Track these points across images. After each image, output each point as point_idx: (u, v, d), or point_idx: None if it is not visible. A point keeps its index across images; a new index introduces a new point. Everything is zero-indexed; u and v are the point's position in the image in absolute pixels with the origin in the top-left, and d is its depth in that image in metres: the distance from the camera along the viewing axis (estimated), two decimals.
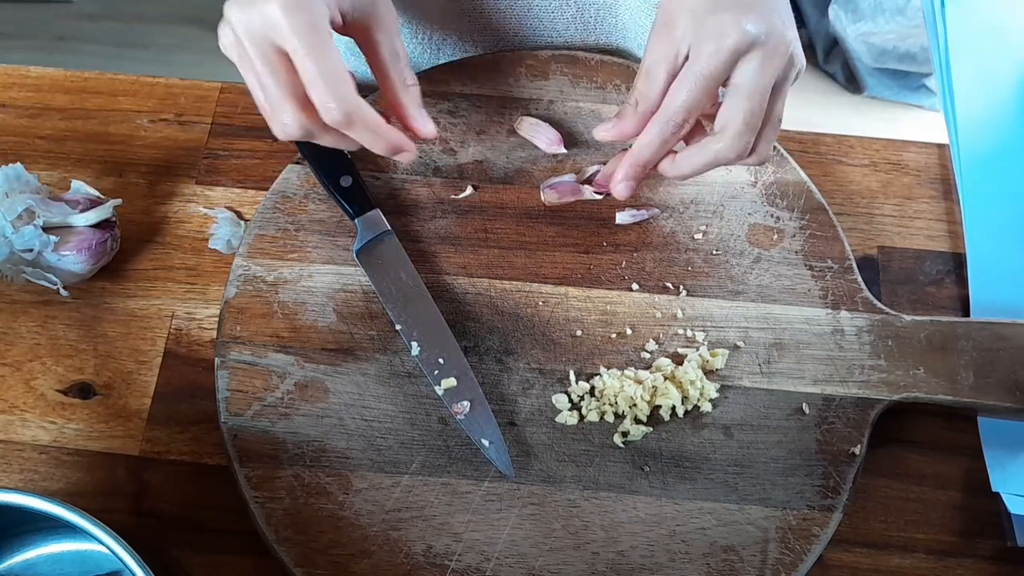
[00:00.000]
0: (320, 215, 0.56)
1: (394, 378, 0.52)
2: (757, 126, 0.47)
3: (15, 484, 0.51)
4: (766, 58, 0.45)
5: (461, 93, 0.61)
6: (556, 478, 0.50)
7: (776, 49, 0.45)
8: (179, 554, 0.49)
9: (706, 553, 0.48)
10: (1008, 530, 0.51)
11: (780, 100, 0.48)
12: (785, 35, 0.46)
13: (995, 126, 0.64)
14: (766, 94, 0.46)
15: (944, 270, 0.59)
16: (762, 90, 0.46)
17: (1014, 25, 0.69)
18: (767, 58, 0.45)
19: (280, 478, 0.49)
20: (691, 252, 0.56)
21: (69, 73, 0.64)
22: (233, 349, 0.52)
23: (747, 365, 0.53)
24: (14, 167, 0.54)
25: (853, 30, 1.65)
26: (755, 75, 0.45)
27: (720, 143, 0.47)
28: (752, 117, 0.46)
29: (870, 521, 0.51)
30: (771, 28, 0.45)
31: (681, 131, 0.47)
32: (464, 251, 0.56)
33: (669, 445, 0.51)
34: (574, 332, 0.54)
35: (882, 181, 0.62)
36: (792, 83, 0.48)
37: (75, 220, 0.53)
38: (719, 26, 0.45)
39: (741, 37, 0.45)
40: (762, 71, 0.45)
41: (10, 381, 0.53)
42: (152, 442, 0.52)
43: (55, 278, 0.53)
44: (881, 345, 0.53)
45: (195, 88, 0.63)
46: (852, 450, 0.50)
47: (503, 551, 0.48)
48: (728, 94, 0.46)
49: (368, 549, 0.47)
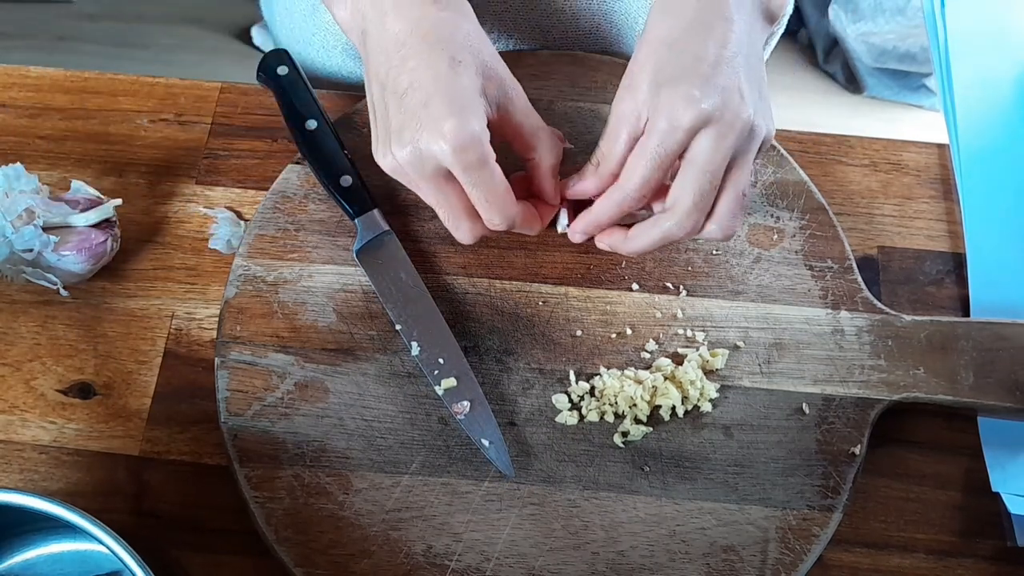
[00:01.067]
0: (320, 215, 0.56)
1: (394, 378, 0.52)
2: (707, 204, 0.47)
3: (15, 484, 0.51)
4: (720, 135, 0.45)
5: None
6: (556, 478, 0.50)
7: (732, 125, 0.45)
8: (179, 554, 0.49)
9: (706, 553, 0.48)
10: (1008, 530, 0.51)
11: (740, 171, 0.47)
12: (741, 110, 0.45)
13: (995, 126, 0.64)
14: (718, 171, 0.46)
15: (944, 270, 0.59)
16: (714, 168, 0.46)
17: (1014, 25, 0.69)
18: (721, 135, 0.45)
19: (280, 478, 0.49)
20: (691, 252, 0.56)
21: (69, 73, 0.64)
22: (233, 349, 0.52)
23: (747, 365, 0.53)
24: (14, 167, 0.54)
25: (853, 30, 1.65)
26: (708, 152, 0.45)
27: (669, 221, 0.47)
28: (701, 196, 0.46)
29: (870, 521, 0.51)
30: (726, 103, 0.45)
31: (638, 204, 0.48)
32: (464, 251, 0.56)
33: (669, 445, 0.51)
34: (574, 332, 0.54)
35: (882, 181, 0.62)
36: (759, 153, 0.48)
37: (75, 220, 0.53)
38: (673, 102, 0.45)
39: (695, 115, 0.44)
40: (715, 148, 0.45)
41: (10, 381, 0.53)
42: (152, 442, 0.52)
43: (55, 278, 0.53)
44: (881, 345, 0.53)
45: (195, 88, 0.63)
46: (852, 450, 0.50)
47: (503, 551, 0.48)
48: (681, 169, 0.46)
49: (368, 549, 0.47)
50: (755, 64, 0.48)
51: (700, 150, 0.45)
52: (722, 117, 0.45)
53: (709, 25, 0.46)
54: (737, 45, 0.46)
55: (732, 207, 0.48)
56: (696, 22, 0.46)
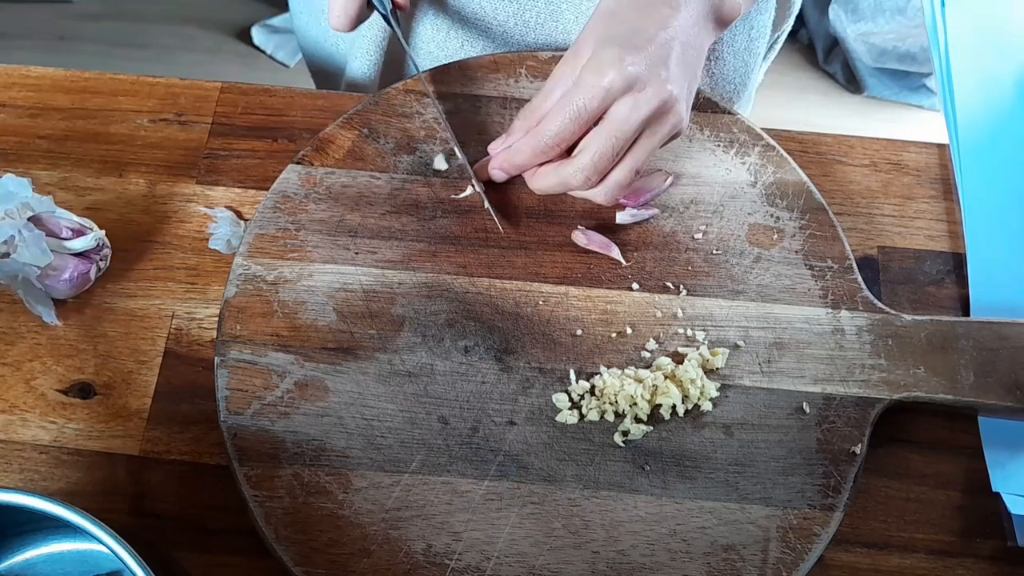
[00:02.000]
0: (320, 215, 0.56)
1: (394, 377, 0.52)
2: (605, 166, 0.49)
3: (15, 484, 0.51)
4: (636, 104, 0.47)
5: (461, 93, 0.61)
6: (556, 477, 0.50)
7: (649, 98, 0.47)
8: (179, 554, 0.49)
9: (707, 552, 0.48)
10: (1008, 530, 0.51)
11: (643, 147, 0.49)
12: (664, 87, 0.47)
13: (995, 126, 0.64)
14: (625, 137, 0.48)
15: (944, 270, 0.59)
16: (622, 133, 0.48)
17: (1014, 25, 0.69)
18: (637, 105, 0.47)
19: (280, 477, 0.49)
20: (691, 252, 0.56)
21: (69, 73, 0.64)
22: (233, 348, 0.52)
23: (747, 364, 0.53)
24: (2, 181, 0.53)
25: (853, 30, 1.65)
26: (621, 117, 0.48)
27: (568, 168, 0.50)
28: (601, 156, 0.48)
29: (870, 521, 0.51)
30: (651, 75, 0.47)
31: (552, 152, 0.50)
32: (464, 251, 0.56)
33: (669, 444, 0.51)
34: (574, 331, 0.54)
35: (882, 181, 0.62)
36: (666, 140, 0.50)
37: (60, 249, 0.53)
38: (600, 62, 0.47)
39: (618, 77, 0.47)
40: (628, 115, 0.47)
41: (10, 381, 0.53)
42: (152, 442, 0.52)
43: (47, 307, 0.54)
44: (881, 344, 0.53)
45: (195, 88, 0.63)
46: (853, 449, 0.50)
47: (503, 550, 0.48)
48: (594, 127, 0.49)
49: (368, 548, 0.47)
50: (691, 56, 0.50)
51: (615, 114, 0.48)
52: (644, 87, 0.47)
53: (653, 6, 0.49)
54: (676, 31, 0.49)
55: (622, 177, 0.50)
56: (642, 2, 0.49)
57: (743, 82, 0.74)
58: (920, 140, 0.64)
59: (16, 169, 0.59)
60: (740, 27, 0.69)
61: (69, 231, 0.54)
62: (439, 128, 0.59)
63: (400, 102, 0.60)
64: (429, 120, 0.60)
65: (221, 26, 1.83)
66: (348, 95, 0.64)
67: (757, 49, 0.72)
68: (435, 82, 0.61)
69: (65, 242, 0.53)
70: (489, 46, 0.68)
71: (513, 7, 0.65)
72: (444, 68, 0.61)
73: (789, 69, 1.80)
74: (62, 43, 1.79)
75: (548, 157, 0.51)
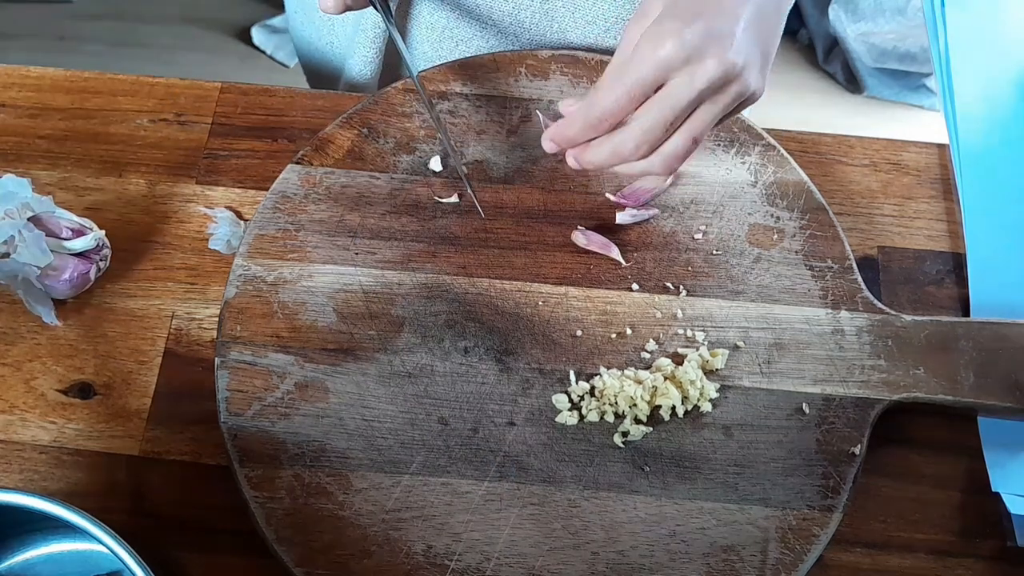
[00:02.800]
0: (320, 215, 0.56)
1: (394, 378, 0.52)
2: (657, 136, 0.46)
3: (15, 484, 0.51)
4: (694, 75, 0.44)
5: (461, 93, 0.61)
6: (556, 478, 0.50)
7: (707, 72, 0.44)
8: (179, 554, 0.49)
9: (706, 553, 0.48)
10: (1008, 530, 0.51)
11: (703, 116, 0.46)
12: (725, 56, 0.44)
13: (995, 126, 0.64)
14: (681, 108, 0.45)
15: (944, 270, 0.59)
16: (676, 103, 0.45)
17: (1014, 25, 0.69)
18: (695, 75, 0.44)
19: (280, 478, 0.49)
20: (691, 252, 0.56)
21: (69, 73, 0.64)
22: (233, 349, 0.52)
23: (747, 365, 0.53)
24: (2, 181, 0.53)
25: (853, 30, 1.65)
26: (677, 88, 0.45)
27: (619, 136, 0.47)
28: (653, 125, 0.46)
29: (870, 521, 0.51)
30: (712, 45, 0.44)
31: (603, 127, 0.47)
32: (464, 251, 0.56)
33: (669, 445, 0.51)
34: (574, 332, 0.54)
35: (882, 181, 0.62)
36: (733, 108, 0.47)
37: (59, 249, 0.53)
38: (660, 33, 0.44)
39: (676, 49, 0.44)
40: (685, 85, 0.45)
41: (10, 381, 0.53)
42: (152, 442, 0.52)
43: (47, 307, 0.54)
44: (881, 345, 0.53)
45: (195, 88, 0.63)
46: (852, 450, 0.50)
47: (503, 551, 0.48)
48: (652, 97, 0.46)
49: (368, 549, 0.47)
50: (768, 18, 0.47)
51: (671, 85, 0.45)
52: (703, 59, 0.44)
53: None
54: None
55: (679, 148, 0.47)
56: None
57: None
58: (920, 140, 0.64)
59: (16, 169, 0.59)
60: None
61: (69, 231, 0.54)
62: (437, 129, 0.59)
63: (400, 102, 0.60)
64: (429, 120, 0.60)
65: (221, 26, 1.83)
66: (348, 95, 0.64)
67: None
68: (434, 81, 0.61)
69: (65, 242, 0.53)
70: (484, 46, 0.68)
71: (508, 6, 0.65)
72: (443, 67, 0.61)
73: (789, 69, 1.80)
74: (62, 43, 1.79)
75: (599, 132, 0.48)
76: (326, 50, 0.77)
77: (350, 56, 0.72)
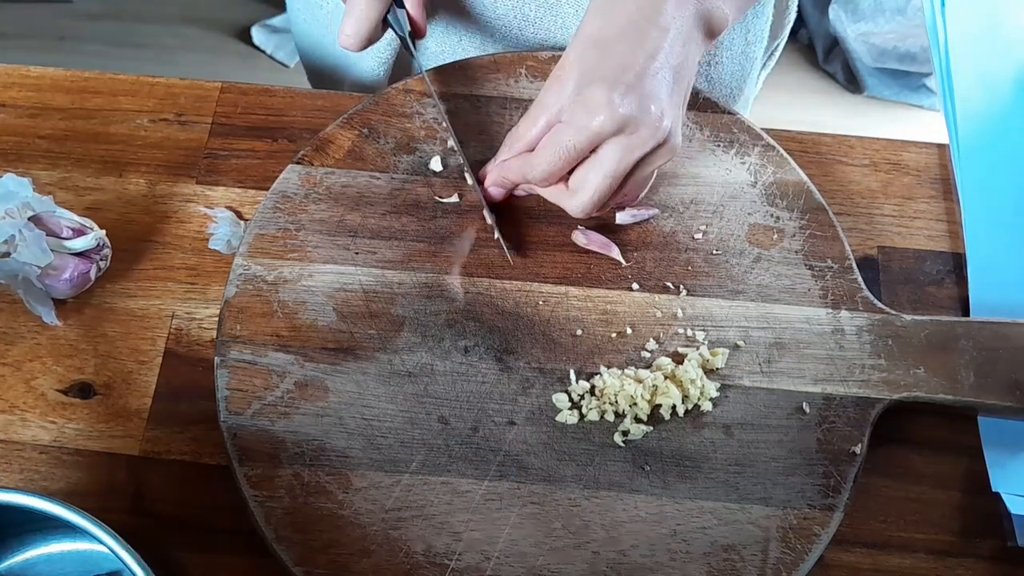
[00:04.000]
0: (320, 215, 0.56)
1: (394, 377, 0.52)
2: (604, 199, 0.49)
3: (15, 484, 0.51)
4: (630, 146, 0.47)
5: (461, 93, 0.61)
6: (556, 477, 0.50)
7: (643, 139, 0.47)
8: (179, 554, 0.49)
9: (707, 552, 0.48)
10: (1008, 530, 0.51)
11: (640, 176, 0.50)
12: (659, 125, 0.46)
13: (995, 126, 0.64)
14: (620, 175, 0.48)
15: (944, 270, 0.59)
16: (617, 173, 0.48)
17: (1014, 25, 0.69)
18: (631, 146, 0.47)
19: (280, 477, 0.49)
20: (691, 252, 0.56)
21: (69, 73, 0.64)
22: (233, 348, 0.52)
23: (747, 364, 0.53)
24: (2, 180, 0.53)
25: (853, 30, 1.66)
26: (615, 158, 0.47)
27: (568, 203, 0.51)
28: (599, 195, 0.49)
29: (870, 521, 0.51)
30: (643, 114, 0.46)
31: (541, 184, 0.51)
32: (464, 251, 0.56)
33: (669, 444, 0.51)
34: (574, 331, 0.54)
35: (882, 181, 0.62)
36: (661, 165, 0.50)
37: (60, 249, 0.53)
38: (592, 102, 0.46)
39: (608, 120, 0.46)
40: (622, 156, 0.47)
41: (10, 381, 0.53)
42: (152, 442, 0.52)
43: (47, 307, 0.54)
44: (881, 345, 0.53)
45: (195, 88, 0.63)
46: (852, 449, 0.50)
47: (503, 550, 0.48)
48: (589, 161, 0.48)
49: (368, 548, 0.47)
50: (683, 76, 0.49)
51: (608, 153, 0.47)
52: (636, 130, 0.46)
53: (642, 32, 0.47)
54: (667, 57, 0.47)
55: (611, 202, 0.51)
56: (629, 27, 0.47)
57: (739, 87, 0.74)
58: (920, 140, 0.64)
59: (16, 169, 0.59)
60: (737, 31, 0.69)
61: (69, 231, 0.54)
62: (439, 128, 0.59)
63: (400, 102, 0.60)
64: (429, 120, 0.60)
65: (221, 26, 1.83)
66: (348, 95, 0.64)
67: (754, 54, 0.72)
68: (435, 82, 0.61)
69: (65, 242, 0.53)
70: (487, 41, 0.68)
71: (512, 1, 0.65)
72: (444, 68, 0.61)
73: (789, 69, 1.80)
74: (62, 43, 1.79)
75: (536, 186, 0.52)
76: (332, 50, 0.76)
77: (363, 56, 0.72)
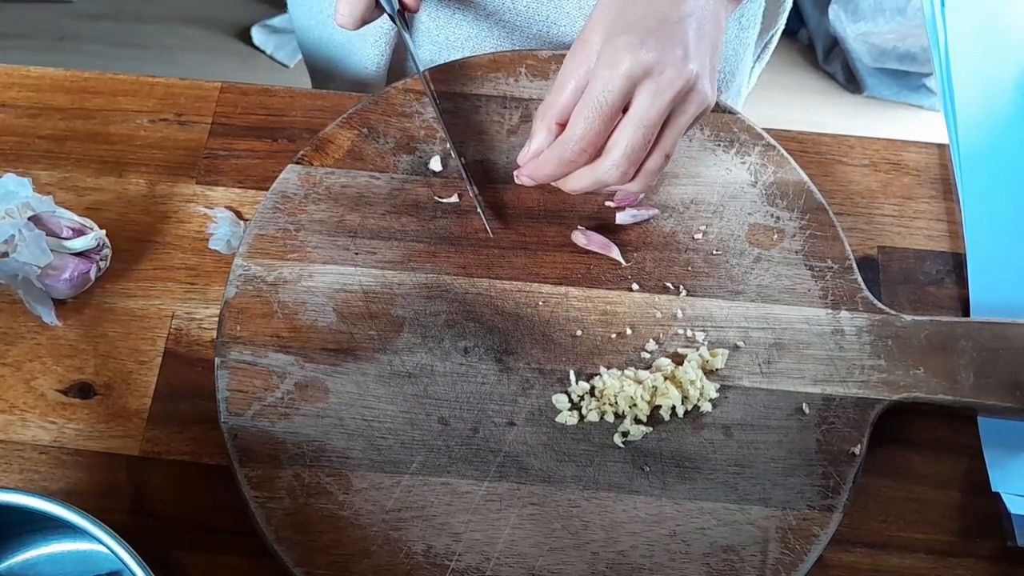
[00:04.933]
0: (320, 215, 0.56)
1: (394, 378, 0.52)
2: (639, 157, 0.47)
3: (15, 484, 0.51)
4: (658, 89, 0.45)
5: (461, 93, 0.61)
6: (556, 478, 0.50)
7: (671, 81, 0.45)
8: (179, 554, 0.49)
9: (706, 553, 0.48)
10: (1008, 530, 0.51)
11: (671, 132, 0.48)
12: (682, 67, 0.46)
13: (995, 126, 0.64)
14: (653, 126, 0.46)
15: (944, 270, 0.59)
16: (648, 122, 0.46)
17: (1014, 25, 0.69)
18: (659, 90, 0.45)
19: (280, 478, 0.49)
20: (691, 252, 0.56)
21: (69, 73, 0.64)
22: (233, 349, 0.52)
23: (747, 365, 0.53)
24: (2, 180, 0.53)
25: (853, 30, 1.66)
26: (645, 106, 0.46)
27: (602, 166, 0.48)
28: (633, 149, 0.47)
29: (870, 521, 0.51)
30: (667, 57, 0.45)
31: (581, 156, 0.48)
32: (464, 251, 0.56)
33: (669, 445, 0.51)
34: (574, 332, 0.54)
35: (882, 181, 0.62)
36: (695, 120, 0.48)
37: (60, 249, 0.53)
38: (615, 52, 0.45)
39: (633, 65, 0.45)
40: (652, 102, 0.46)
41: (10, 381, 0.53)
42: (152, 442, 0.52)
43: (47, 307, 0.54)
44: (881, 345, 0.53)
45: (195, 88, 0.63)
46: (852, 450, 0.50)
47: (503, 551, 0.48)
48: (621, 121, 0.47)
49: (368, 549, 0.47)
50: (709, 31, 0.48)
51: (638, 103, 0.46)
52: (662, 71, 0.45)
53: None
54: (691, 8, 0.47)
55: (655, 165, 0.49)
56: None
57: (731, 72, 0.74)
58: (920, 140, 0.64)
59: (16, 169, 0.59)
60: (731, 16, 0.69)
61: (69, 231, 0.54)
62: (439, 128, 0.59)
63: (400, 101, 0.60)
64: (429, 120, 0.60)
65: (221, 26, 1.83)
66: (348, 95, 0.64)
67: (747, 39, 0.72)
68: (434, 81, 0.61)
69: (65, 242, 0.53)
70: (490, 33, 0.68)
71: None
72: (443, 67, 0.61)
73: (789, 69, 1.80)
74: (62, 43, 1.79)
75: (578, 165, 0.49)
76: (334, 46, 0.76)
77: (360, 50, 0.72)
